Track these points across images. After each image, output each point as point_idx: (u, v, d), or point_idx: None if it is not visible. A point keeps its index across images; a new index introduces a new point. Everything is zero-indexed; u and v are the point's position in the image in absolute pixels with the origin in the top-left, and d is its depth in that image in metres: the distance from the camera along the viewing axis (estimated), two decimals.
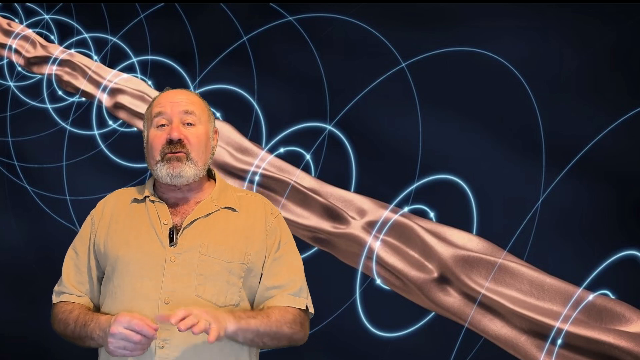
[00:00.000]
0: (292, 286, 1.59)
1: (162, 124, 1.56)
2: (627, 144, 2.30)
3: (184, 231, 1.53)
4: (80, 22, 3.42)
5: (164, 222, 1.54)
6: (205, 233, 1.54)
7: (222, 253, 1.53)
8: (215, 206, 1.58)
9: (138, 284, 1.50)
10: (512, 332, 2.39)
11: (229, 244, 1.54)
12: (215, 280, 1.51)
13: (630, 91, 2.31)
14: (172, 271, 1.49)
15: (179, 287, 1.49)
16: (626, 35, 2.32)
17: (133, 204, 1.61)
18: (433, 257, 2.54)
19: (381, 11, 2.71)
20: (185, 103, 1.58)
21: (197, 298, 1.49)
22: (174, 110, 1.56)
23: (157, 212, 1.57)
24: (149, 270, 1.50)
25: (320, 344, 2.73)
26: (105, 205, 1.65)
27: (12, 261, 3.39)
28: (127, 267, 1.52)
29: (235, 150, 2.98)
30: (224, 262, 1.52)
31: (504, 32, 2.49)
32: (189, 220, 1.54)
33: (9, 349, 3.31)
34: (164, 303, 1.47)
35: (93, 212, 1.66)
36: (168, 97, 1.60)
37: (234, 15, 3.02)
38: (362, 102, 2.72)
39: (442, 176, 2.57)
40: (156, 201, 1.59)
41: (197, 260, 1.51)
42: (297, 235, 2.80)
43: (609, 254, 2.30)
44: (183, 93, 1.62)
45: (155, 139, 1.56)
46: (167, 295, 1.48)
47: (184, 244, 1.52)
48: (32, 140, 3.45)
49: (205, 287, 1.50)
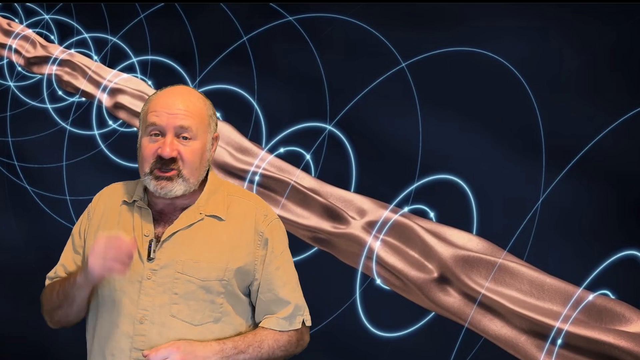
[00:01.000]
0: (288, 308, 1.54)
1: (156, 133, 1.46)
2: (627, 144, 2.30)
3: (163, 244, 1.46)
4: (80, 22, 3.42)
5: (145, 233, 1.48)
6: (185, 247, 1.47)
7: (199, 271, 1.46)
8: (200, 214, 1.49)
9: (117, 299, 1.46)
10: (512, 332, 2.39)
11: (207, 261, 1.47)
12: (190, 299, 1.45)
13: (630, 91, 2.31)
14: (148, 288, 1.44)
15: (153, 305, 1.44)
16: (626, 35, 2.32)
17: (123, 206, 1.54)
18: (433, 257, 2.54)
19: (381, 11, 2.71)
20: (183, 116, 1.45)
21: (172, 318, 1.44)
22: (170, 124, 1.44)
23: (140, 220, 1.50)
24: (127, 285, 1.45)
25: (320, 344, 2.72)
26: (99, 201, 1.59)
27: (12, 261, 3.39)
28: (109, 279, 1.45)
29: (235, 150, 2.98)
30: (200, 280, 1.45)
31: (504, 32, 2.49)
32: (168, 232, 1.47)
33: (9, 349, 3.31)
34: (139, 322, 1.43)
35: (89, 206, 1.61)
36: (166, 106, 1.46)
37: (234, 15, 3.02)
38: (362, 102, 2.71)
39: (442, 176, 2.57)
40: (143, 207, 1.51)
41: (172, 278, 1.45)
42: (297, 235, 2.80)
43: (609, 254, 2.30)
44: (183, 100, 1.47)
45: (147, 150, 1.47)
46: (141, 313, 1.44)
47: (162, 259, 1.46)
48: (32, 140, 3.45)
49: (179, 307, 1.44)
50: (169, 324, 1.44)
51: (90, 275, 1.38)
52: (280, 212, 2.84)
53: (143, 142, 1.49)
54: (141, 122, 1.53)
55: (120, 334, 1.45)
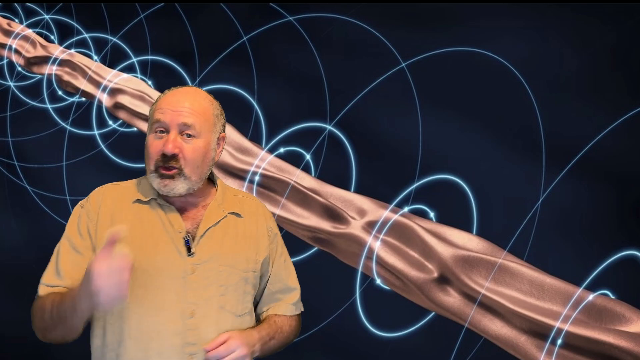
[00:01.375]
0: (295, 294, 1.66)
1: (162, 130, 1.47)
2: (627, 144, 2.30)
3: (200, 240, 1.49)
4: (80, 22, 3.42)
5: (178, 230, 1.48)
6: (220, 242, 1.51)
7: (239, 262, 1.52)
8: (223, 211, 1.54)
9: (158, 297, 1.43)
10: (512, 332, 2.39)
11: (242, 253, 1.53)
12: (234, 290, 1.50)
13: (630, 91, 2.31)
14: (193, 283, 1.45)
15: (201, 299, 1.45)
16: (626, 35, 2.32)
17: (136, 204, 1.52)
18: (433, 257, 2.54)
19: (381, 11, 2.71)
20: (187, 113, 1.47)
21: (220, 309, 1.47)
22: (173, 121, 1.46)
23: (168, 218, 1.49)
24: (168, 282, 1.44)
25: (320, 344, 2.73)
26: (103, 199, 1.53)
27: (12, 261, 3.39)
28: (144, 277, 1.43)
29: (235, 150, 2.98)
30: (242, 271, 1.51)
31: (504, 32, 2.49)
32: (203, 228, 1.50)
33: (9, 349, 3.31)
34: (189, 317, 1.44)
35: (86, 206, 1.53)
36: (171, 103, 1.49)
37: (234, 15, 3.02)
38: (362, 102, 2.71)
39: (442, 176, 2.57)
40: (164, 205, 1.51)
41: (216, 271, 1.47)
42: (297, 235, 2.80)
43: (609, 254, 2.30)
44: (188, 99, 1.50)
45: (152, 147, 1.47)
46: (191, 308, 1.44)
47: (202, 254, 1.47)
48: (32, 140, 3.45)
49: (226, 298, 1.48)
50: (217, 316, 1.46)
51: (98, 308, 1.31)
52: (280, 212, 2.84)
53: (149, 139, 1.50)
54: (149, 119, 1.55)
55: (168, 331, 1.43)
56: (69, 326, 1.40)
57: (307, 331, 2.72)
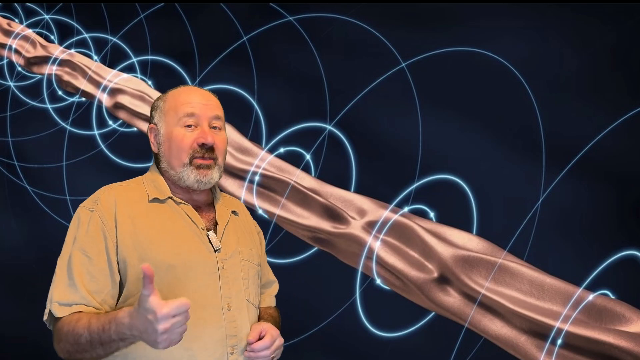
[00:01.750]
0: (275, 286, 1.77)
1: (190, 124, 1.50)
2: (627, 144, 2.30)
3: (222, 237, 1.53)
4: (80, 22, 3.42)
5: (201, 227, 1.50)
6: (234, 238, 1.56)
7: (253, 257, 1.58)
8: (227, 209, 1.60)
9: (198, 292, 1.42)
10: (512, 332, 2.39)
11: (253, 248, 1.60)
12: (253, 283, 1.57)
13: (630, 91, 2.31)
14: (225, 277, 1.49)
15: (233, 292, 1.49)
16: (626, 35, 2.32)
17: (153, 203, 1.49)
18: (433, 257, 2.54)
19: (381, 11, 2.71)
20: (215, 107, 1.55)
21: (247, 302, 1.52)
22: (206, 114, 1.52)
23: (188, 215, 1.50)
24: (206, 277, 1.45)
25: (320, 344, 2.73)
26: (116, 205, 1.46)
27: (12, 261, 3.39)
28: (181, 275, 1.41)
29: (235, 150, 2.98)
30: (256, 265, 1.58)
31: (504, 32, 2.49)
32: (222, 225, 1.54)
33: (9, 349, 3.31)
34: (227, 309, 1.47)
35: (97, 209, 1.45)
36: (198, 98, 1.54)
37: (234, 15, 3.02)
38: (362, 102, 2.72)
39: (442, 176, 2.57)
40: (181, 203, 1.51)
41: (239, 265, 1.53)
42: (297, 235, 2.80)
43: (609, 254, 2.30)
44: (209, 95, 1.58)
45: (184, 140, 1.49)
46: (227, 301, 1.47)
47: (226, 249, 1.51)
48: (32, 140, 3.45)
49: (249, 291, 1.54)
50: (246, 308, 1.51)
51: (153, 345, 1.26)
52: (280, 212, 2.84)
53: (177, 133, 1.50)
54: (164, 114, 1.53)
55: (211, 326, 1.44)
56: (112, 349, 1.35)
57: (307, 331, 2.73)
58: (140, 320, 1.25)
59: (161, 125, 1.54)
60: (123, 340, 1.30)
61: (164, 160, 1.53)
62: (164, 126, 1.53)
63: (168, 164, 1.52)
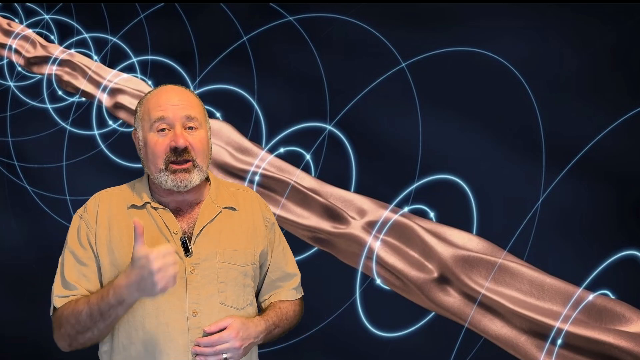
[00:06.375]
0: (295, 280, 1.70)
1: (163, 128, 1.49)
2: (627, 144, 2.30)
3: (197, 239, 1.50)
4: (80, 22, 3.42)
5: (174, 231, 1.50)
6: (217, 238, 1.53)
7: (237, 258, 1.54)
8: (217, 207, 1.56)
9: (161, 299, 1.44)
10: (512, 332, 2.39)
11: (240, 247, 1.55)
12: (234, 285, 1.52)
13: (630, 91, 2.31)
14: (193, 282, 1.47)
15: (202, 297, 1.47)
16: (626, 35, 2.32)
17: (132, 209, 1.53)
18: (433, 257, 2.54)
19: (381, 11, 2.71)
20: (186, 106, 1.51)
21: (221, 306, 1.49)
22: (176, 115, 1.49)
23: (162, 220, 1.51)
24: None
25: (320, 344, 2.73)
26: (98, 208, 1.54)
27: (12, 261, 3.39)
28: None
29: (235, 150, 2.98)
30: (240, 266, 1.54)
31: (504, 32, 2.49)
32: (198, 227, 1.51)
33: (9, 349, 3.31)
34: (192, 316, 1.46)
35: (84, 216, 1.54)
36: (168, 99, 1.51)
37: (234, 15, 3.01)
38: (362, 102, 2.71)
39: (442, 176, 2.57)
40: (159, 208, 1.52)
41: (215, 269, 1.50)
42: (297, 235, 2.80)
43: (609, 254, 2.30)
44: (181, 93, 1.54)
45: (157, 146, 1.48)
46: (193, 307, 1.46)
47: (199, 253, 1.49)
48: (32, 140, 3.45)
49: (226, 294, 1.51)
50: (220, 313, 1.49)
51: (151, 292, 1.34)
52: (280, 212, 2.84)
53: (150, 139, 1.51)
54: (140, 120, 1.55)
55: (174, 332, 1.45)
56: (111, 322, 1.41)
57: (307, 331, 2.73)
58: (135, 272, 1.33)
59: (139, 131, 1.55)
60: (121, 303, 1.37)
61: (145, 165, 1.55)
62: (141, 132, 1.54)
63: (148, 169, 1.54)
